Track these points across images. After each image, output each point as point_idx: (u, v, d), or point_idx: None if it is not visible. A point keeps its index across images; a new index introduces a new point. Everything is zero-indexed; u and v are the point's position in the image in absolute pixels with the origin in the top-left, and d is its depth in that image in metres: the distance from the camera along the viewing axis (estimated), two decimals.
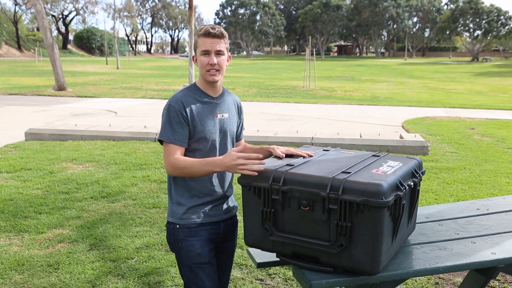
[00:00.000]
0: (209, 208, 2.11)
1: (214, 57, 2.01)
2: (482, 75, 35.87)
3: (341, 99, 16.39)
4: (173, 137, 2.00)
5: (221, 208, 2.16)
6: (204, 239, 2.08)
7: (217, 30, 2.00)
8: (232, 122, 2.17)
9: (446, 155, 7.37)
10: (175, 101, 2.01)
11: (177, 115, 1.99)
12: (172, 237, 2.10)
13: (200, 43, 2.02)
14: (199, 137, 2.04)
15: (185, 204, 2.07)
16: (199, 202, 2.08)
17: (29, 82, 22.57)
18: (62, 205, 4.83)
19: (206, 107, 2.07)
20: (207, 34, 2.00)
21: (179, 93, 2.06)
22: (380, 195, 1.72)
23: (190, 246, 2.06)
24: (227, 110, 2.15)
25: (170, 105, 2.01)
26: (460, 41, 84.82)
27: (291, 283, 3.31)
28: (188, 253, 2.06)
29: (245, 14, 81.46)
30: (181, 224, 2.07)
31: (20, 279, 3.31)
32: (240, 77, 28.08)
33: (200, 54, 2.03)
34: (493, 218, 2.61)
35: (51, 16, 69.35)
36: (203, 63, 2.02)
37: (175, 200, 2.10)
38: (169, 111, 2.00)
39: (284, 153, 2.12)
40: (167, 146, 2.01)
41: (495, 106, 14.58)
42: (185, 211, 2.07)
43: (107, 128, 8.75)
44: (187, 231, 2.07)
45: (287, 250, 1.97)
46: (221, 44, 2.02)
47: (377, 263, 1.82)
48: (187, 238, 2.06)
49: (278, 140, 7.90)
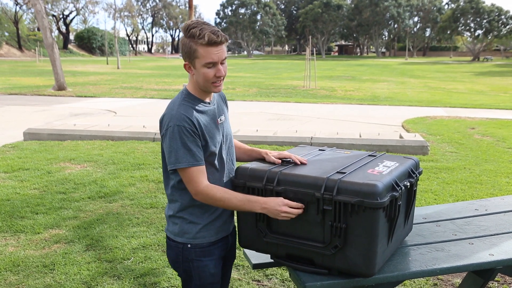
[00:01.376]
0: (221, 223, 1.95)
1: (221, 68, 1.77)
2: (483, 74, 35.82)
3: (342, 98, 16.36)
4: (194, 160, 1.77)
5: (232, 221, 2.02)
6: (217, 258, 1.95)
7: (222, 36, 1.74)
8: (229, 123, 2.03)
9: (446, 155, 7.34)
10: (181, 120, 1.75)
11: (190, 134, 1.75)
12: (181, 257, 1.91)
13: (203, 53, 1.73)
14: (210, 151, 1.85)
15: (199, 222, 1.89)
16: (212, 218, 1.91)
17: (29, 82, 22.56)
18: (59, 205, 4.81)
19: (207, 116, 1.86)
20: (212, 43, 1.72)
21: (179, 108, 1.79)
22: (375, 195, 1.70)
23: (203, 267, 1.91)
24: (223, 112, 1.98)
25: (178, 125, 1.74)
26: (461, 41, 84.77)
27: (288, 284, 3.28)
28: (201, 273, 1.91)
29: (245, 14, 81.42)
30: (193, 244, 1.89)
31: (15, 280, 3.28)
32: (241, 77, 28.05)
33: (203, 66, 1.76)
34: (492, 219, 2.58)
35: (52, 16, 69.39)
36: (209, 76, 1.77)
37: (186, 218, 1.90)
38: (180, 133, 1.74)
39: (277, 157, 2.04)
40: (189, 171, 1.77)
41: (495, 106, 14.53)
42: (199, 229, 1.89)
43: (106, 128, 8.73)
44: (200, 251, 1.90)
45: (281, 251, 1.95)
46: (224, 49, 1.78)
47: (373, 264, 1.79)
48: (200, 258, 1.90)
49: (278, 140, 7.87)
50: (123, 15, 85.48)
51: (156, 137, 8.17)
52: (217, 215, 1.93)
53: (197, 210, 1.90)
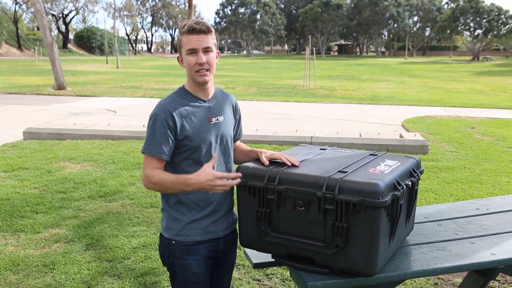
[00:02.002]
0: (208, 224, 1.94)
1: (202, 55, 1.83)
2: (483, 74, 35.81)
3: (341, 98, 16.35)
4: (156, 150, 1.82)
5: (222, 223, 2.00)
6: (202, 258, 1.94)
7: (202, 25, 1.83)
8: (228, 125, 2.00)
9: (446, 154, 7.33)
10: (161, 109, 1.85)
11: (163, 125, 1.82)
12: (167, 253, 1.95)
13: (185, 41, 1.84)
14: (191, 147, 1.87)
15: (182, 220, 1.91)
16: (197, 217, 1.92)
17: (29, 81, 22.54)
18: (59, 204, 4.80)
19: (198, 112, 1.90)
20: (191, 30, 1.82)
21: (166, 99, 1.90)
22: (376, 195, 1.69)
23: (186, 265, 1.92)
24: (222, 113, 1.97)
25: (156, 114, 1.84)
26: (460, 40, 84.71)
27: (288, 283, 3.27)
28: (184, 271, 1.93)
29: (245, 13, 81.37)
30: (177, 241, 1.92)
31: (15, 279, 3.28)
32: (240, 76, 28.04)
33: (186, 53, 1.85)
34: (493, 218, 2.58)
35: (51, 15, 69.31)
36: (191, 63, 1.84)
37: (171, 214, 1.94)
38: (155, 121, 1.84)
39: (268, 158, 1.99)
40: (146, 157, 1.85)
41: (495, 105, 14.53)
42: (182, 227, 1.91)
43: (106, 127, 8.72)
44: (184, 249, 1.92)
45: (282, 250, 1.94)
46: (208, 39, 1.84)
47: (374, 264, 1.79)
48: (183, 256, 1.92)
49: (277, 139, 7.87)
50: (123, 14, 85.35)
51: None
52: (204, 214, 1.93)
53: (182, 207, 1.92)
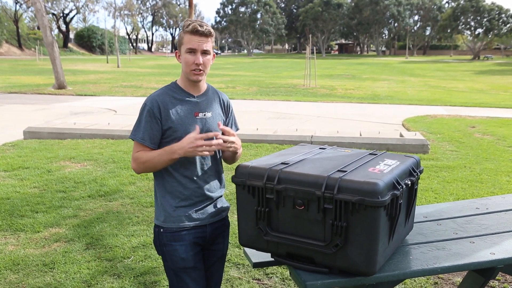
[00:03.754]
0: (192, 212, 2.04)
1: (200, 56, 1.94)
2: (483, 73, 35.78)
3: (342, 97, 16.35)
4: (139, 136, 1.95)
5: (207, 211, 2.08)
6: (188, 244, 2.03)
7: (206, 28, 1.93)
8: (216, 121, 2.07)
9: (446, 154, 7.33)
10: (150, 100, 1.97)
11: (149, 114, 1.95)
12: (158, 241, 2.06)
13: (187, 40, 1.94)
14: (176, 137, 1.95)
15: (167, 207, 2.02)
16: (181, 205, 2.02)
17: (29, 80, 22.54)
18: (59, 204, 4.80)
19: (185, 106, 2.00)
20: (195, 31, 1.92)
21: (157, 92, 2.01)
22: (376, 194, 1.69)
23: (173, 251, 2.01)
24: (210, 109, 2.06)
25: (145, 104, 1.97)
26: (461, 40, 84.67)
27: (288, 282, 3.27)
28: (172, 257, 2.02)
29: (246, 13, 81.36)
30: (164, 227, 2.02)
31: (15, 279, 3.28)
32: (241, 76, 28.03)
33: (185, 51, 1.95)
34: (493, 218, 2.57)
35: (52, 14, 69.30)
36: (188, 61, 1.94)
37: (159, 202, 2.05)
38: (143, 110, 1.97)
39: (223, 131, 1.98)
40: (135, 144, 1.98)
41: (496, 105, 14.52)
42: (168, 214, 2.02)
43: (106, 126, 8.72)
44: (170, 236, 2.02)
45: (281, 250, 1.94)
46: (208, 43, 1.95)
47: (373, 263, 1.78)
48: (170, 242, 2.02)
49: (278, 139, 7.87)
50: (123, 13, 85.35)
51: None
52: (188, 203, 2.02)
53: (168, 195, 2.02)
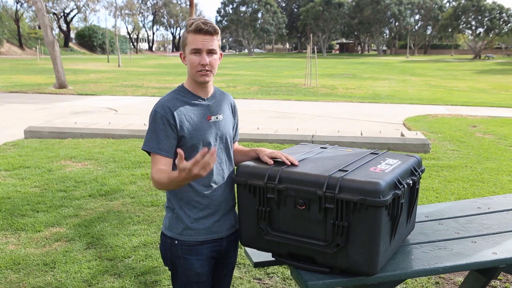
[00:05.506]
0: (211, 224, 1.93)
1: (206, 56, 1.82)
2: (484, 72, 35.74)
3: (343, 97, 16.33)
4: (157, 147, 1.82)
5: (226, 223, 1.99)
6: (205, 258, 1.92)
7: (210, 26, 1.81)
8: (228, 124, 1.99)
9: (447, 153, 7.31)
10: (161, 107, 1.84)
11: (163, 122, 1.82)
12: (169, 252, 1.93)
13: (190, 40, 1.82)
14: (192, 144, 1.85)
15: (185, 219, 1.89)
16: (200, 216, 1.90)
17: (30, 80, 22.55)
18: (60, 203, 4.80)
19: (196, 110, 1.89)
20: (198, 30, 1.80)
21: (166, 97, 1.89)
22: (377, 193, 1.68)
23: (189, 265, 1.90)
24: (221, 111, 1.96)
25: (156, 111, 1.84)
26: (462, 39, 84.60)
27: (289, 282, 3.27)
28: (186, 271, 1.91)
29: (246, 12, 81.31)
30: (180, 240, 1.90)
31: (16, 278, 3.28)
32: (242, 75, 28.02)
33: (189, 52, 1.83)
34: (494, 217, 2.56)
35: (53, 14, 69.32)
36: (194, 62, 1.83)
37: (175, 213, 1.91)
38: (155, 118, 1.83)
39: (269, 156, 1.97)
40: (153, 156, 1.84)
41: (497, 104, 14.50)
42: (186, 226, 1.89)
43: (107, 126, 8.71)
44: (187, 249, 1.90)
45: (282, 250, 1.93)
46: (213, 41, 1.83)
47: (375, 263, 1.78)
48: (186, 256, 1.90)
49: (279, 138, 7.86)
50: (124, 13, 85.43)
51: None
52: (206, 213, 1.91)
53: (185, 206, 1.90)
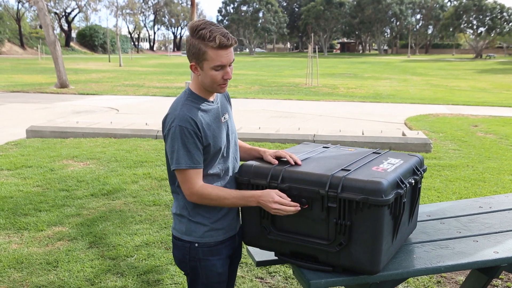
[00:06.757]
0: (228, 222, 1.93)
1: (229, 70, 1.76)
2: (486, 72, 35.70)
3: (344, 96, 16.34)
4: (191, 162, 1.76)
5: (238, 219, 2.01)
6: (224, 257, 1.94)
7: (232, 39, 1.72)
8: (232, 120, 1.99)
9: (449, 153, 7.32)
10: (184, 120, 1.74)
11: (191, 135, 1.74)
12: (188, 256, 1.89)
13: (212, 56, 1.70)
14: (215, 152, 1.83)
15: (205, 222, 1.87)
16: (218, 217, 1.89)
17: (31, 79, 22.58)
18: (62, 202, 4.81)
19: (211, 115, 1.84)
20: (223, 46, 1.69)
21: (182, 108, 1.77)
22: (380, 193, 1.69)
23: (211, 266, 1.89)
24: (226, 110, 1.95)
25: (181, 126, 1.73)
26: (463, 38, 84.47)
27: (291, 281, 3.27)
28: (208, 272, 1.90)
29: (247, 11, 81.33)
30: (201, 243, 1.88)
31: (19, 277, 3.29)
32: (243, 74, 28.03)
33: (211, 68, 1.73)
34: (496, 216, 2.57)
35: (54, 13, 69.41)
36: (216, 78, 1.75)
37: (191, 219, 1.88)
38: (181, 133, 1.73)
39: (273, 156, 1.99)
40: (187, 172, 1.77)
41: (498, 103, 14.49)
42: (207, 229, 1.88)
43: (109, 125, 8.73)
44: (208, 251, 1.88)
45: (285, 249, 1.94)
46: (232, 52, 1.75)
47: (377, 262, 1.78)
48: (208, 257, 1.89)
49: (280, 137, 7.87)
50: (125, 12, 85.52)
51: (158, 134, 8.17)
52: (224, 213, 1.91)
53: (202, 209, 1.87)
